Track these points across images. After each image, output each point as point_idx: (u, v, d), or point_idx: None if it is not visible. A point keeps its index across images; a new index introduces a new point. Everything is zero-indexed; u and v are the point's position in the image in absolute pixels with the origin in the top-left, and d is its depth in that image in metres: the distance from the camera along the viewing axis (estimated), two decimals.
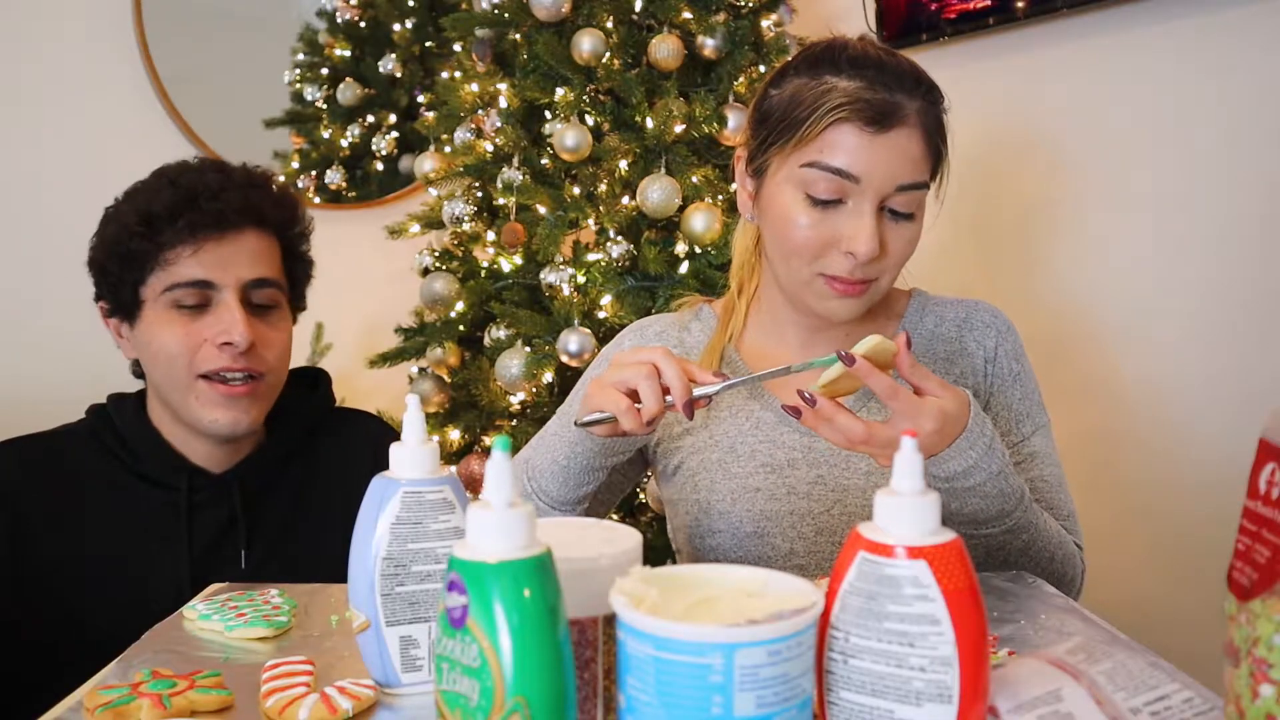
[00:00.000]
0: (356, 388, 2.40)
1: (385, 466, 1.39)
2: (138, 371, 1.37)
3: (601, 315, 1.78)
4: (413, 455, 0.75)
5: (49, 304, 2.28)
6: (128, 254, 1.27)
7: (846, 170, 1.07)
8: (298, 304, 1.42)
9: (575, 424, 1.02)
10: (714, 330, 1.25)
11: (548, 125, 1.87)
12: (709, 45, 1.85)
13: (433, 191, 2.04)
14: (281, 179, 1.42)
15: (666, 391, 0.97)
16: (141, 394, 1.39)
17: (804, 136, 1.09)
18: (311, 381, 1.47)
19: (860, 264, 1.08)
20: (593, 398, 0.99)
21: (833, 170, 1.07)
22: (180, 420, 1.31)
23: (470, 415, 1.90)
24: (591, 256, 1.82)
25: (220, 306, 1.27)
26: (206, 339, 1.27)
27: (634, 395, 0.97)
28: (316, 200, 2.54)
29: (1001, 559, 1.05)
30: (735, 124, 1.82)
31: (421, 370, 2.00)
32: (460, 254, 1.97)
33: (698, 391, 0.97)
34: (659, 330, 1.27)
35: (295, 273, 1.39)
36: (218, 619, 0.91)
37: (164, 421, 1.33)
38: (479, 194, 1.94)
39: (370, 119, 2.61)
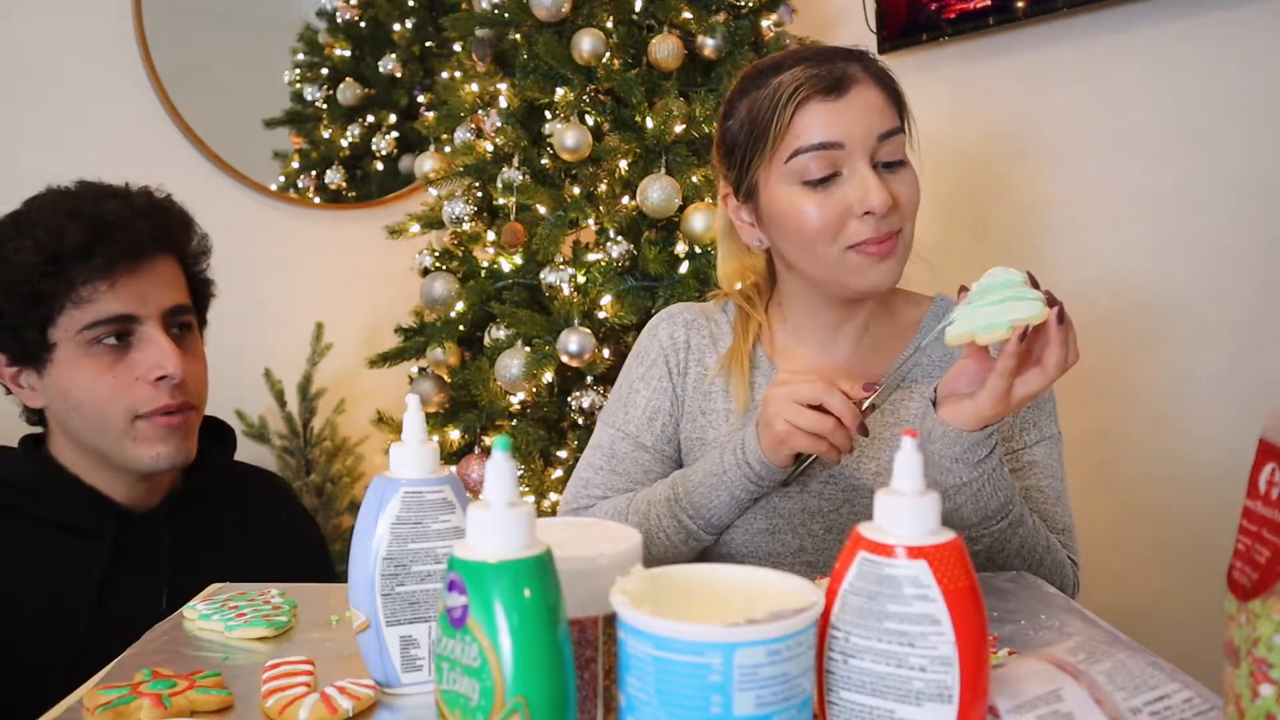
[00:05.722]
0: (356, 388, 2.41)
1: (297, 524, 1.34)
2: (33, 419, 1.28)
3: (601, 315, 1.78)
4: (413, 455, 0.75)
5: None
6: (33, 295, 1.17)
7: (829, 141, 1.10)
8: (202, 325, 1.35)
9: (786, 482, 1.12)
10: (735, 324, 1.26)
11: (548, 125, 1.87)
12: (709, 45, 1.85)
13: (433, 191, 2.04)
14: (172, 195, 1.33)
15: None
16: (32, 439, 1.29)
17: (776, 134, 1.12)
18: (217, 433, 1.39)
19: (880, 218, 1.09)
20: (788, 442, 1.03)
21: (817, 147, 1.10)
22: (106, 463, 1.23)
23: (470, 415, 1.90)
24: (591, 256, 1.82)
25: (145, 340, 1.21)
26: (138, 377, 1.20)
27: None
28: (317, 200, 2.54)
29: (986, 558, 1.05)
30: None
31: (421, 370, 2.01)
32: (460, 254, 1.97)
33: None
34: (689, 319, 1.27)
35: (198, 293, 1.32)
36: (218, 619, 0.91)
37: (78, 465, 1.24)
38: (479, 194, 1.94)
39: (370, 119, 2.61)
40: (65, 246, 1.17)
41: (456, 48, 2.16)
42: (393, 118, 2.62)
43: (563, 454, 1.82)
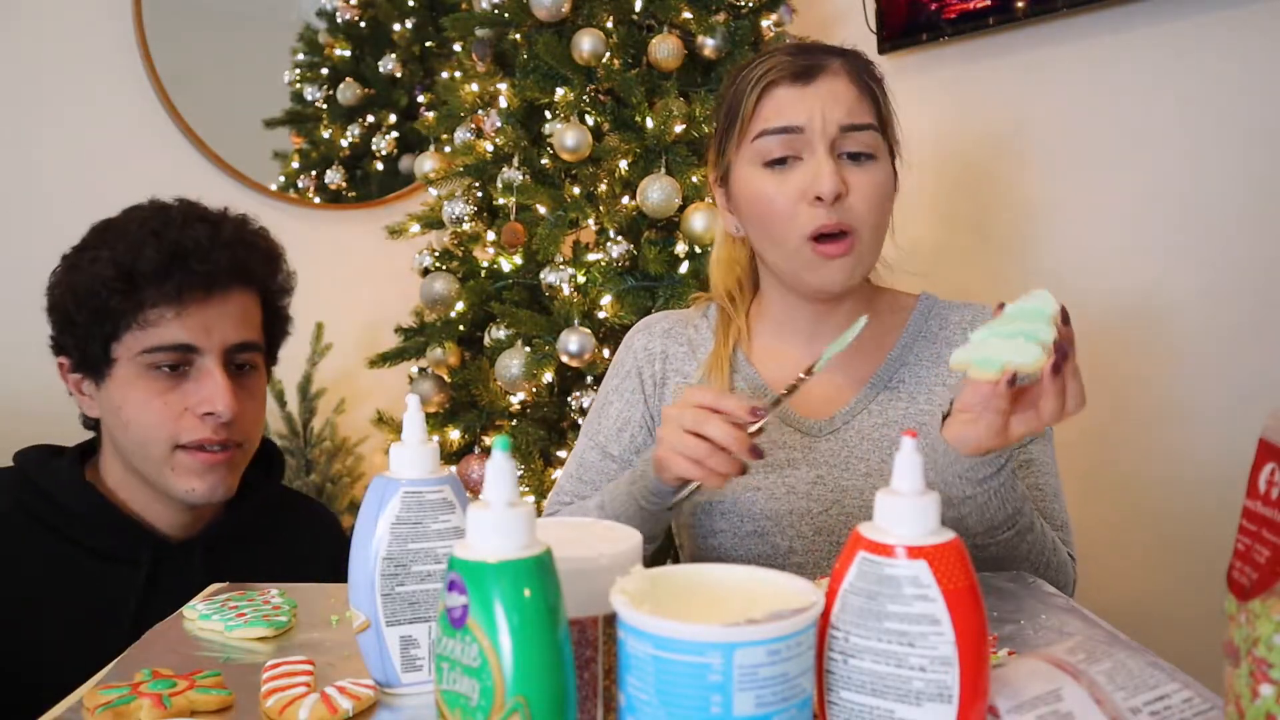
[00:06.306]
0: (357, 388, 2.41)
1: (339, 557, 1.30)
2: (89, 423, 1.27)
3: (601, 315, 1.78)
4: (413, 455, 0.75)
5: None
6: (102, 309, 1.16)
7: (788, 125, 1.12)
8: (271, 363, 1.33)
9: (670, 507, 1.04)
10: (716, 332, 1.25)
11: (548, 125, 1.87)
12: (709, 45, 1.85)
13: (433, 191, 2.04)
14: (265, 228, 1.31)
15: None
16: (79, 451, 1.27)
17: (745, 116, 1.15)
18: (265, 461, 1.34)
19: (829, 206, 1.10)
20: (669, 466, 0.98)
21: (779, 130, 1.12)
22: (148, 485, 1.22)
23: (470, 415, 1.90)
24: (591, 256, 1.82)
25: (202, 373, 1.18)
26: (187, 408, 1.18)
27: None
28: (317, 200, 2.54)
29: (994, 564, 1.05)
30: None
31: (421, 370, 2.01)
32: (460, 254, 1.97)
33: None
34: (667, 328, 1.27)
35: (273, 331, 1.30)
36: (218, 619, 0.91)
37: (123, 485, 1.23)
38: (479, 194, 1.94)
39: (370, 119, 2.61)
40: (140, 267, 1.15)
41: (456, 48, 2.16)
42: (393, 118, 2.62)
43: (563, 454, 1.82)
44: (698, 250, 1.80)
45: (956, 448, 0.94)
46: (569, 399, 1.82)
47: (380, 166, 2.61)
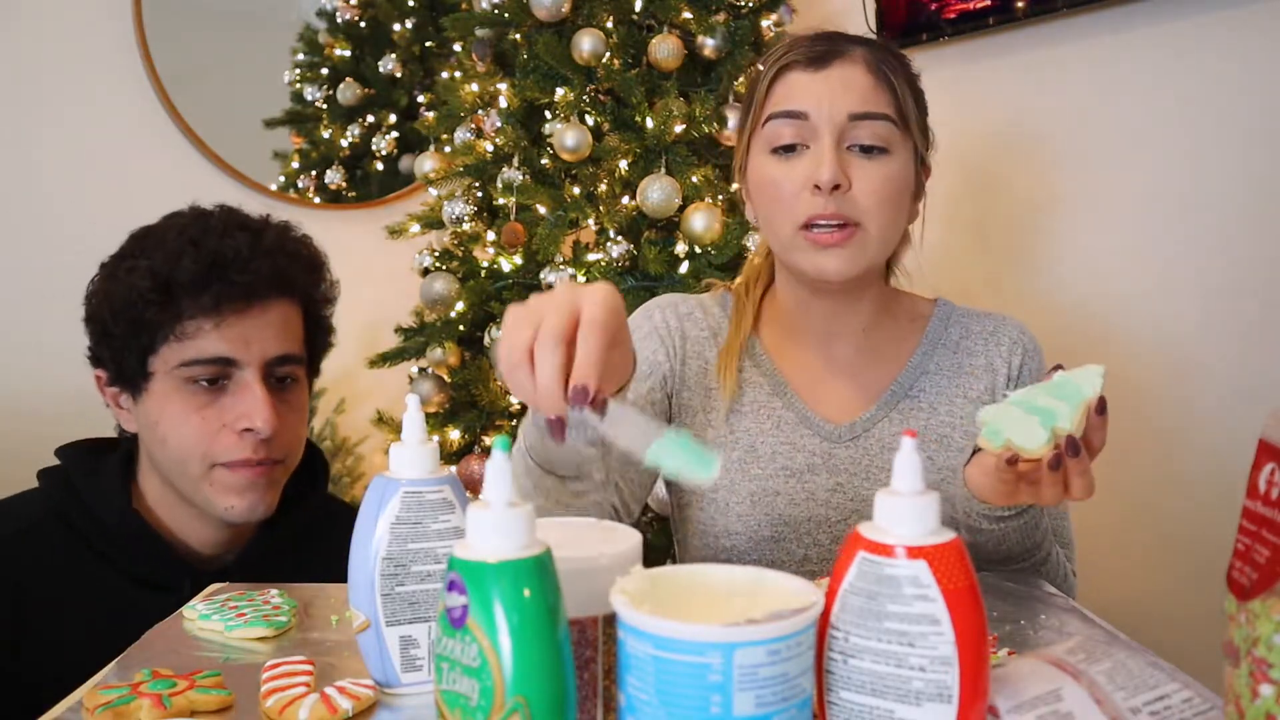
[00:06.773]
0: (357, 388, 2.41)
1: None
2: (125, 435, 1.24)
3: None
4: (413, 455, 0.75)
5: (46, 305, 2.28)
6: (139, 320, 1.13)
7: (795, 110, 1.10)
8: (314, 375, 1.29)
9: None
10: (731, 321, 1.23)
11: (548, 125, 1.87)
12: (709, 45, 1.85)
13: (433, 191, 2.05)
14: (309, 236, 1.27)
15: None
16: (123, 462, 1.22)
17: (759, 100, 1.14)
18: (310, 471, 1.29)
19: (828, 195, 1.07)
20: (499, 344, 0.81)
21: (785, 115, 1.11)
22: (186, 502, 1.19)
23: (470, 415, 1.90)
24: (591, 256, 1.82)
25: (241, 387, 1.14)
26: (225, 424, 1.14)
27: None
28: (317, 200, 2.54)
29: None
30: (735, 124, 1.82)
31: (421, 370, 2.01)
32: (460, 254, 1.97)
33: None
34: (685, 311, 1.23)
35: (316, 342, 1.27)
36: (218, 619, 0.91)
37: (161, 501, 1.20)
38: (479, 194, 1.94)
39: (370, 119, 2.61)
40: (177, 277, 1.12)
41: (456, 48, 2.16)
42: (393, 118, 2.62)
43: None
44: (698, 250, 1.80)
45: (972, 491, 0.94)
46: None
47: (380, 166, 2.61)
